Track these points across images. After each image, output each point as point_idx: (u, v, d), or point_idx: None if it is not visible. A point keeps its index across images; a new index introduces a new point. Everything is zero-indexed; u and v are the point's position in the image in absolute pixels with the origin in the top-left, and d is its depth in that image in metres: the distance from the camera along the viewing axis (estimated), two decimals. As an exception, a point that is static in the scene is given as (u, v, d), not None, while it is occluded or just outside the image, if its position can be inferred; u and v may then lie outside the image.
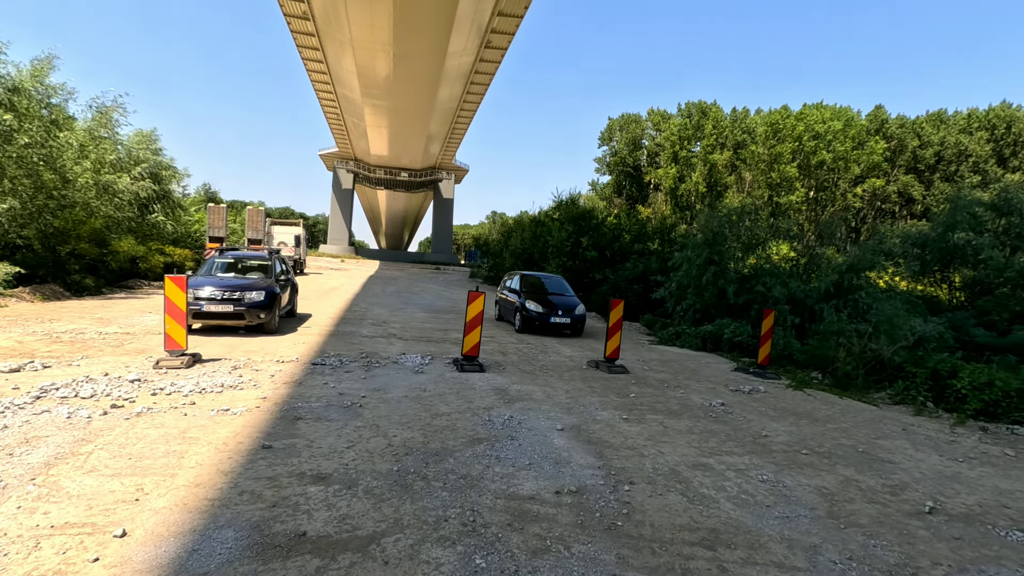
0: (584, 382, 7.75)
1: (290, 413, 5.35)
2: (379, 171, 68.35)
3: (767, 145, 50.75)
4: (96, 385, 5.77)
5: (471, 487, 3.90)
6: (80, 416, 4.80)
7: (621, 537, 3.34)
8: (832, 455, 5.26)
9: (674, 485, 4.23)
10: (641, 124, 64.43)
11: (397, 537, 3.15)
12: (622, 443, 5.15)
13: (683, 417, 6.26)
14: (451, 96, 46.95)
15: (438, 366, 8.09)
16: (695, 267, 13.49)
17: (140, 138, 23.05)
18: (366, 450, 4.49)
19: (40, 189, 14.22)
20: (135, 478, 3.69)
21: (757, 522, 3.69)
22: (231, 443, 4.45)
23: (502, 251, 35.59)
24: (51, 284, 14.36)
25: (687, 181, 55.39)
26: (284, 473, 3.93)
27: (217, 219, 23.54)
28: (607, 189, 66.53)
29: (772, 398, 7.65)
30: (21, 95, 12.73)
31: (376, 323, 12.50)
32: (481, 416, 5.67)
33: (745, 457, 5.02)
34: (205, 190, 67.47)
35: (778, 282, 12.13)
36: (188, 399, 5.59)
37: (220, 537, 3.02)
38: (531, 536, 3.27)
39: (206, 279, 9.98)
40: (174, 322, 7.07)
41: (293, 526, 3.20)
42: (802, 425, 6.30)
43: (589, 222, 22.98)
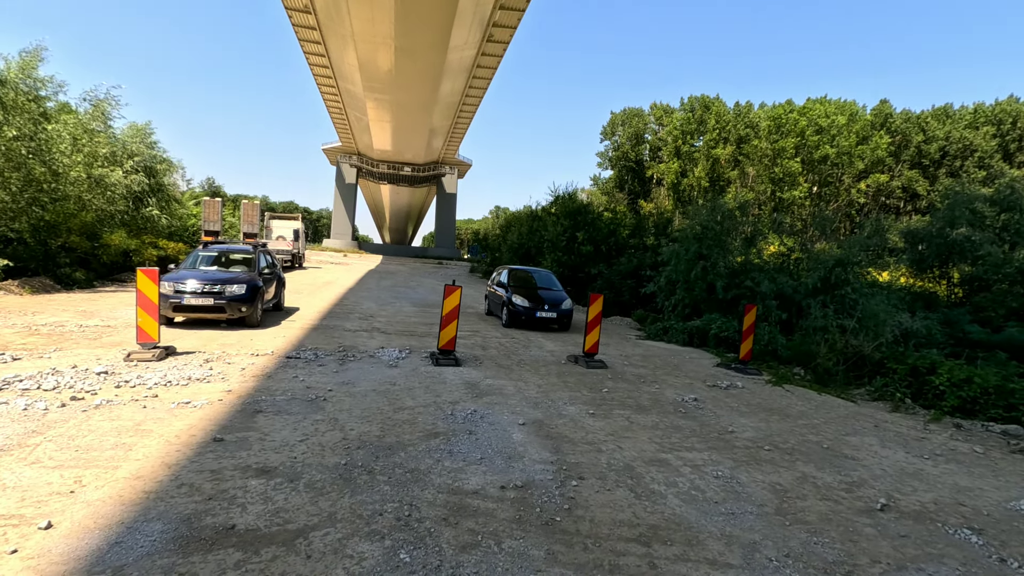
0: (559, 377, 7.71)
1: (251, 406, 5.34)
2: (382, 166, 68.35)
3: (770, 140, 50.38)
4: (61, 377, 5.77)
5: (415, 481, 3.88)
6: (37, 408, 4.80)
7: (556, 533, 3.31)
8: (795, 451, 5.21)
9: (625, 481, 4.19)
10: (644, 118, 64.08)
11: (327, 531, 3.13)
12: (582, 438, 5.11)
13: (651, 412, 6.21)
14: (453, 90, 46.81)
15: (414, 360, 8.07)
16: (684, 261, 13.40)
17: (134, 131, 23.06)
18: (319, 444, 4.47)
19: (30, 182, 14.25)
20: (76, 470, 3.68)
21: (700, 518, 3.65)
22: (183, 436, 4.44)
23: (500, 246, 35.55)
24: (41, 277, 14.41)
25: (689, 176, 55.10)
26: (229, 466, 3.92)
27: (212, 213, 23.57)
28: (609, 184, 66.25)
29: (748, 393, 7.58)
30: (7, 87, 12.74)
31: (363, 317, 12.49)
32: (444, 410, 5.64)
33: (705, 453, 4.97)
34: (209, 184, 67.85)
35: (766, 277, 12.03)
36: (151, 392, 5.58)
37: (146, 530, 3.01)
38: (464, 531, 3.24)
39: (188, 272, 9.99)
40: (146, 315, 7.07)
41: (224, 519, 3.18)
42: (772, 421, 6.25)
43: (585, 216, 22.86)
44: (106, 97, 19.24)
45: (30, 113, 13.55)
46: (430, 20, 33.20)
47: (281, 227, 32.11)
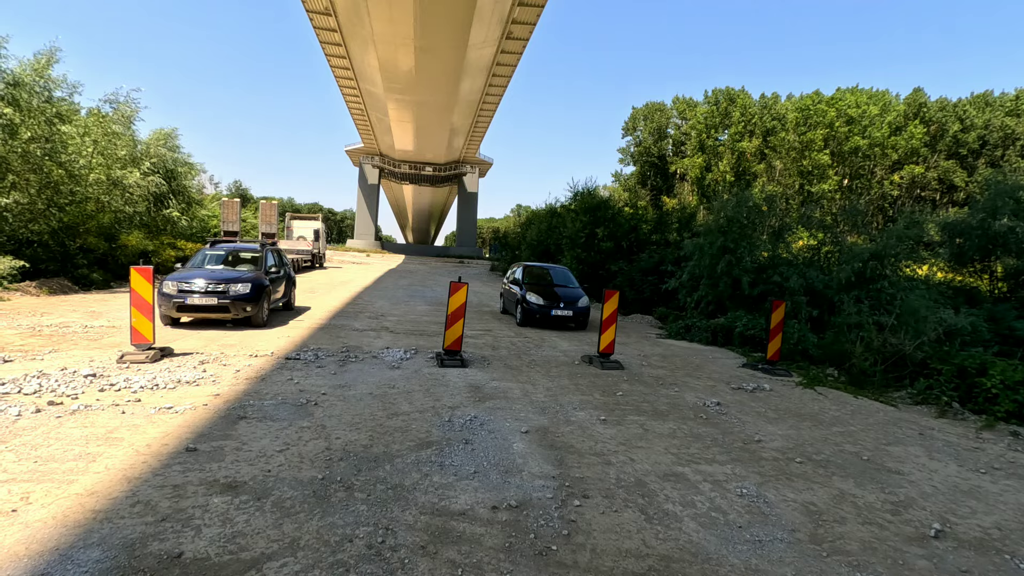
0: (571, 379, 7.23)
1: (236, 412, 5.00)
2: (404, 166, 68.53)
3: (798, 132, 48.84)
4: (45, 380, 5.53)
5: (397, 500, 3.46)
6: (9, 413, 4.54)
7: (551, 565, 2.85)
8: (830, 464, 4.65)
9: (635, 500, 3.71)
10: (666, 112, 62.88)
11: (285, 562, 2.73)
12: (590, 448, 4.63)
13: (669, 419, 5.69)
14: (473, 89, 46.53)
15: (418, 361, 7.69)
16: (708, 256, 12.76)
17: (160, 136, 23.31)
18: (298, 454, 4.09)
19: (48, 184, 14.33)
20: (28, 484, 3.37)
21: (721, 547, 3.15)
22: (155, 445, 4.11)
23: (520, 243, 35.10)
24: (59, 278, 14.49)
25: (714, 170, 53.84)
26: (195, 480, 3.56)
27: (231, 213, 23.69)
28: (631, 180, 65.23)
29: (776, 397, 6.99)
30: (21, 89, 12.79)
31: (373, 316, 12.19)
32: (442, 416, 5.23)
33: (728, 466, 4.45)
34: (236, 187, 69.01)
35: (795, 272, 11.34)
36: (135, 396, 5.29)
37: (81, 559, 2.65)
38: (442, 563, 2.80)
39: (193, 271, 9.79)
40: (140, 315, 6.83)
41: (172, 545, 2.81)
42: (803, 428, 5.67)
43: (605, 212, 22.24)
44: (126, 100, 19.43)
45: (45, 114, 13.60)
46: (449, 18, 32.94)
47: (302, 227, 32.22)
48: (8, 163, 12.90)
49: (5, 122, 12.32)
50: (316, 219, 34.30)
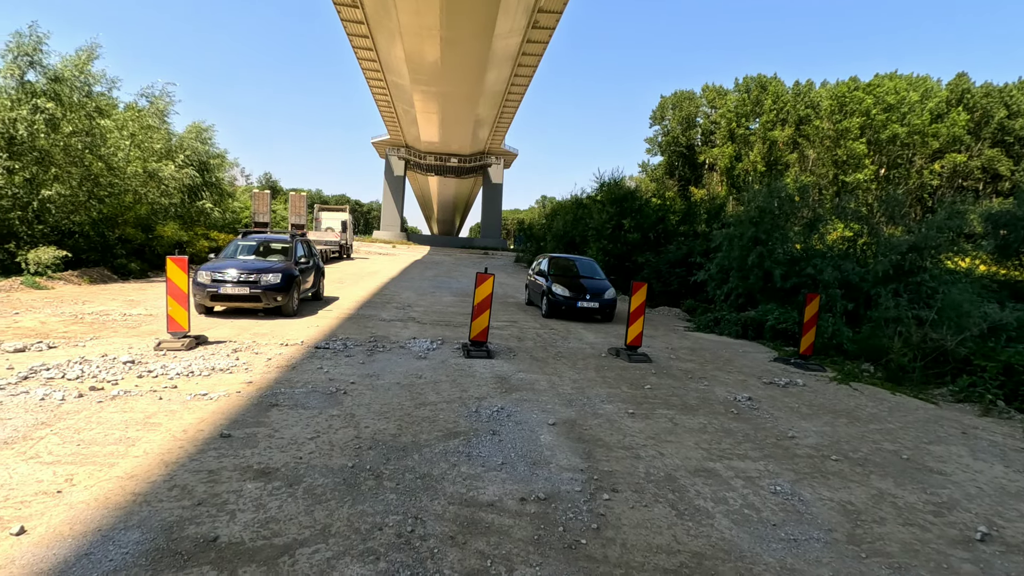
0: (597, 371, 7.17)
1: (268, 400, 5.09)
2: (429, 157, 68.83)
3: (832, 120, 47.34)
4: (87, 366, 5.72)
5: (425, 489, 3.47)
6: (53, 398, 4.70)
7: (580, 559, 2.83)
8: (867, 462, 4.50)
9: (665, 495, 3.65)
10: (695, 101, 61.64)
11: (317, 548, 2.76)
12: (618, 442, 4.58)
13: (699, 413, 5.60)
14: (499, 79, 46.35)
15: (445, 352, 7.72)
16: (739, 247, 12.48)
17: (195, 130, 23.85)
18: (328, 442, 4.15)
19: (88, 177, 14.79)
20: (71, 467, 3.48)
21: (755, 545, 3.08)
22: (191, 431, 4.22)
23: (545, 235, 34.96)
24: (100, 268, 14.97)
25: (744, 160, 52.64)
26: (229, 466, 3.64)
27: (261, 205, 24.08)
28: (659, 170, 64.28)
29: (810, 392, 6.82)
30: (63, 84, 13.19)
31: (400, 307, 12.29)
32: (469, 407, 5.23)
33: (760, 462, 4.35)
34: (266, 179, 70.34)
35: (830, 264, 11.01)
36: (172, 382, 5.44)
37: (122, 540, 2.73)
38: (471, 553, 2.80)
39: (225, 262, 10.00)
40: (176, 303, 7.00)
41: (208, 529, 2.87)
42: (838, 425, 5.51)
43: (632, 203, 21.96)
44: (161, 93, 19.90)
45: (85, 109, 14.01)
46: (475, 8, 32.79)
47: (330, 219, 32.63)
48: (51, 156, 13.35)
49: (48, 116, 12.74)
50: (344, 210, 34.71)
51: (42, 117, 12.71)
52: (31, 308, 9.29)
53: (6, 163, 12.41)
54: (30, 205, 13.14)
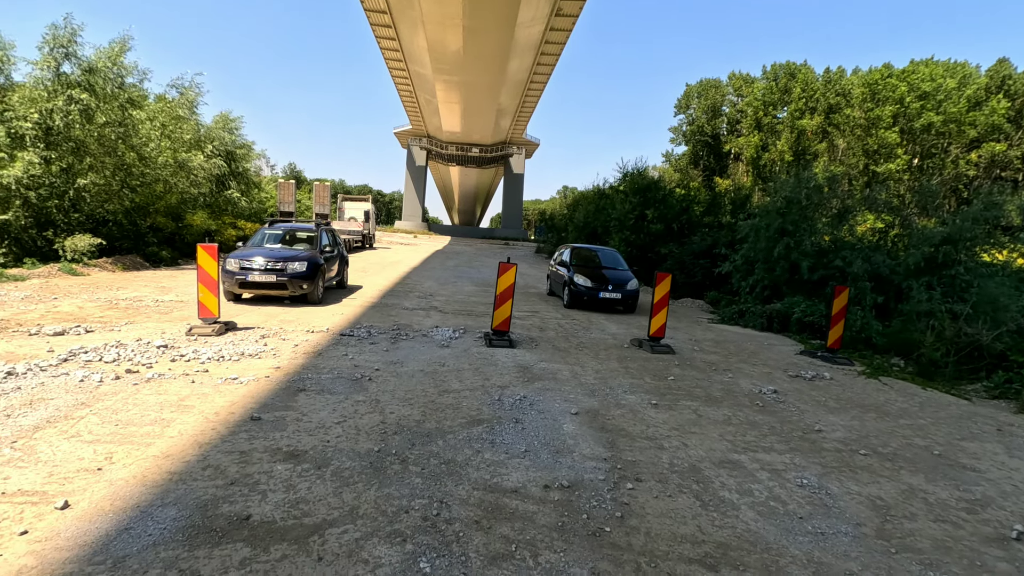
0: (620, 362, 7.15)
1: (295, 384, 5.20)
2: (451, 147, 68.91)
3: (864, 108, 45.98)
4: (123, 350, 5.90)
5: (450, 474, 3.52)
6: (92, 380, 4.87)
7: (604, 547, 2.84)
8: (897, 457, 4.42)
9: (689, 485, 3.64)
10: (721, 90, 60.41)
11: (345, 529, 2.83)
12: (641, 432, 4.57)
13: (723, 405, 5.55)
14: (521, 68, 46.07)
15: (467, 340, 7.77)
16: (765, 238, 12.26)
17: (222, 120, 24.24)
18: (355, 427, 4.22)
19: (121, 166, 15.16)
20: (110, 446, 3.61)
21: (781, 538, 3.05)
22: (223, 413, 4.33)
23: (567, 225, 34.79)
24: (132, 255, 15.38)
25: (771, 149, 51.52)
26: (259, 448, 3.73)
27: (287, 194, 24.42)
28: (682, 160, 63.29)
29: (837, 386, 6.70)
30: (96, 75, 13.50)
31: (422, 296, 12.39)
32: (492, 395, 5.27)
33: (786, 455, 4.30)
34: (291, 169, 71.27)
35: (860, 256, 10.75)
36: (203, 367, 5.58)
37: (159, 516, 2.83)
38: (496, 538, 2.84)
39: (253, 250, 10.18)
40: (206, 290, 7.17)
41: (241, 508, 2.95)
42: (867, 419, 5.41)
43: (655, 194, 21.70)
44: (190, 84, 20.23)
45: (118, 100, 14.34)
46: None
47: (353, 208, 32.94)
48: (86, 146, 13.71)
49: (83, 107, 13.07)
50: (366, 200, 34.98)
51: (77, 108, 13.04)
52: (69, 294, 9.60)
53: (43, 153, 12.78)
54: (66, 194, 13.53)
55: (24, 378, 4.81)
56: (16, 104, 12.66)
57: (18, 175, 12.04)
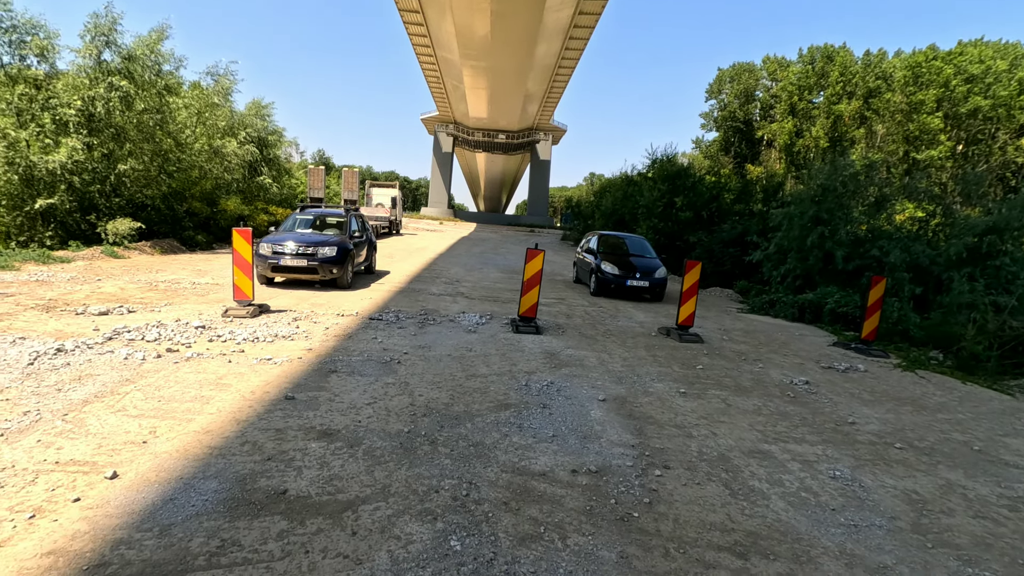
0: (648, 350, 7.10)
1: (327, 366, 5.32)
2: (477, 134, 68.77)
3: (906, 92, 44.17)
4: (163, 330, 6.11)
5: (479, 457, 3.57)
6: (135, 358, 5.06)
7: (632, 531, 2.85)
8: (935, 452, 4.31)
9: (718, 474, 3.62)
10: (755, 74, 58.72)
11: (377, 506, 2.90)
12: (669, 420, 4.55)
13: (753, 395, 5.48)
14: (549, 53, 45.55)
15: (493, 326, 7.81)
16: (798, 227, 11.97)
17: (255, 107, 24.64)
18: (385, 408, 4.30)
19: (158, 152, 15.57)
20: (154, 420, 3.76)
21: (812, 528, 3.02)
22: (258, 392, 4.46)
23: (593, 212, 34.50)
24: (170, 239, 15.84)
25: (805, 136, 49.98)
26: (294, 426, 3.84)
27: (316, 180, 24.76)
28: (713, 147, 61.92)
29: (871, 378, 6.54)
30: (135, 63, 13.85)
31: (448, 282, 12.48)
32: (519, 380, 5.30)
33: (818, 447, 4.23)
34: (320, 156, 72.20)
35: (898, 246, 10.42)
36: (239, 347, 5.75)
37: (202, 488, 2.94)
38: (525, 519, 2.87)
39: (285, 235, 10.37)
40: (241, 273, 7.36)
41: (278, 482, 3.05)
42: (903, 413, 5.28)
43: (685, 181, 21.33)
44: (225, 72, 20.59)
45: (156, 87, 14.69)
46: (526, -21, 32.18)
47: (380, 194, 33.23)
48: (126, 132, 14.10)
49: (123, 94, 13.44)
50: (393, 187, 35.23)
51: (117, 95, 13.41)
52: (111, 275, 9.95)
53: (86, 139, 13.19)
54: (107, 179, 13.96)
55: (72, 355, 5.02)
56: (60, 91, 13.07)
57: (63, 160, 12.47)
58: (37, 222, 13.11)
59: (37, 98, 12.92)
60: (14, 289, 7.93)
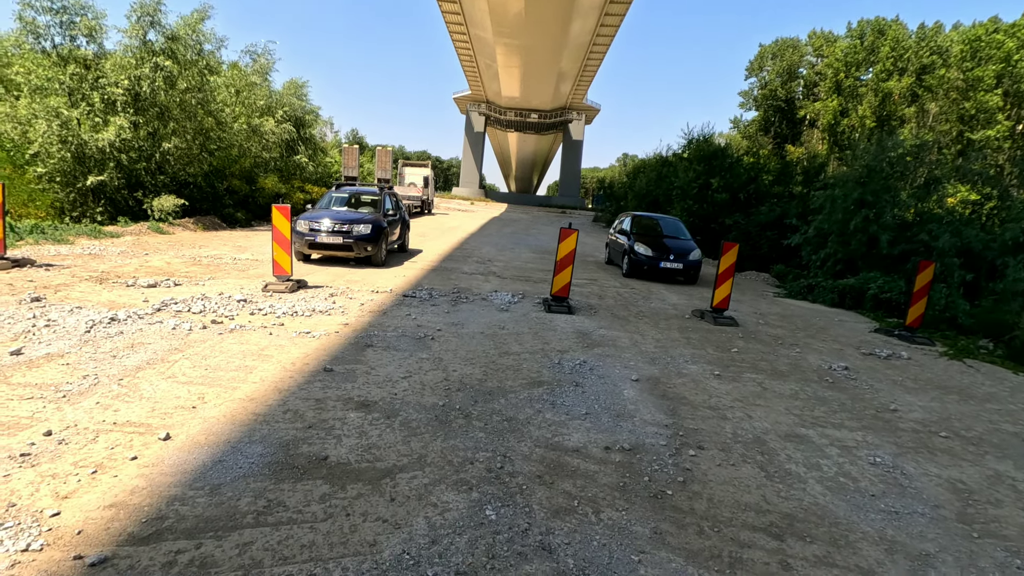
0: (681, 332, 7.02)
1: (363, 340, 5.43)
2: (509, 113, 68.23)
3: (963, 68, 41.75)
4: (207, 303, 6.33)
5: (512, 431, 3.62)
6: (183, 328, 5.27)
7: (666, 509, 2.86)
8: (982, 442, 4.17)
9: (753, 456, 3.58)
10: (800, 50, 56.34)
11: (414, 474, 2.98)
12: (704, 402, 4.51)
13: (790, 379, 5.38)
14: (583, 30, 44.67)
15: (525, 305, 7.83)
16: (841, 209, 11.56)
17: (292, 86, 24.98)
18: (420, 382, 4.39)
19: (200, 131, 15.97)
20: (202, 387, 3.92)
21: (851, 513, 2.97)
22: (298, 363, 4.60)
23: (626, 194, 33.98)
24: (211, 216, 16.33)
25: (851, 115, 47.89)
26: (333, 397, 3.95)
27: (351, 159, 25.03)
28: (752, 127, 59.96)
29: (915, 366, 6.33)
30: (178, 43, 14.16)
31: (480, 261, 12.53)
32: (551, 358, 5.32)
33: (858, 432, 4.14)
34: (353, 135, 72.88)
35: (948, 230, 9.97)
36: (279, 320, 5.92)
37: (248, 452, 3.07)
38: (559, 493, 2.91)
39: (321, 212, 10.55)
40: (280, 249, 7.53)
41: (319, 449, 3.16)
42: (948, 402, 5.11)
43: (721, 161, 20.75)
44: (263, 52, 20.90)
45: (197, 66, 15.01)
46: (561, -47, 31.46)
47: (412, 174, 33.41)
48: (169, 111, 14.50)
49: (167, 74, 13.79)
50: (426, 166, 35.36)
51: (161, 75, 13.76)
52: (157, 250, 10.33)
53: (133, 118, 13.62)
54: (153, 157, 14.42)
55: (125, 324, 5.26)
56: (108, 71, 13.48)
57: (111, 138, 12.92)
58: (89, 198, 13.66)
59: (87, 78, 13.36)
60: (69, 262, 8.31)
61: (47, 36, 13.33)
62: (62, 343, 4.56)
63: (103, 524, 2.35)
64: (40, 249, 9.16)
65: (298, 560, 2.23)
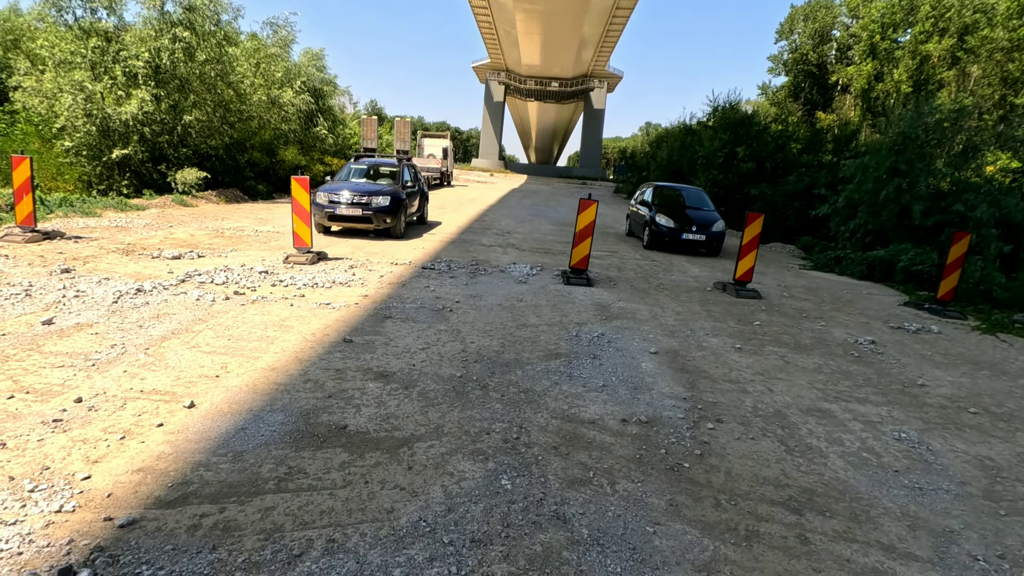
0: (702, 305, 6.92)
1: (382, 312, 5.47)
2: (529, 82, 66.90)
3: (1009, 27, 39.45)
4: (230, 274, 6.42)
5: (529, 403, 3.62)
6: (206, 299, 5.37)
7: (682, 481, 2.85)
8: (1014, 419, 4.05)
9: (773, 430, 3.54)
10: (833, 11, 53.77)
11: (431, 444, 3.01)
12: (724, 375, 4.46)
13: (814, 353, 5.27)
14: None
15: (544, 278, 7.79)
16: (873, 179, 11.16)
17: (309, 57, 24.78)
18: (438, 353, 4.41)
19: (220, 103, 16.00)
20: (225, 357, 4.00)
21: (873, 489, 2.93)
22: (319, 334, 4.66)
23: (648, 164, 33.31)
24: (233, 189, 16.48)
25: (886, 79, 45.84)
26: (352, 367, 4.00)
27: (369, 131, 24.79)
28: (781, 93, 57.84)
29: (945, 340, 6.16)
30: (196, 13, 14.09)
31: (499, 233, 12.47)
32: (569, 331, 5.30)
33: (883, 407, 4.06)
34: (372, 106, 72.34)
35: (986, 199, 9.56)
36: (299, 292, 5.98)
37: (270, 420, 3.13)
38: (574, 464, 2.92)
39: (341, 184, 10.55)
40: (300, 221, 7.58)
41: (338, 418, 3.21)
42: (979, 377, 4.96)
43: (748, 129, 20.09)
44: (285, 23, 20.72)
45: (215, 37, 14.95)
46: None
47: (431, 145, 33.14)
48: (189, 83, 14.53)
49: (185, 45, 13.78)
50: (445, 137, 35.01)
51: (180, 46, 13.75)
52: (181, 222, 10.49)
53: (154, 91, 13.68)
54: (175, 130, 14.52)
55: (150, 295, 5.37)
56: (129, 44, 13.51)
57: (134, 111, 13.02)
58: (114, 172, 13.87)
59: (108, 51, 13.42)
60: (97, 234, 8.49)
61: (68, 9, 13.39)
62: (91, 313, 4.68)
63: (131, 488, 2.43)
64: (69, 222, 9.37)
65: (318, 525, 2.28)
